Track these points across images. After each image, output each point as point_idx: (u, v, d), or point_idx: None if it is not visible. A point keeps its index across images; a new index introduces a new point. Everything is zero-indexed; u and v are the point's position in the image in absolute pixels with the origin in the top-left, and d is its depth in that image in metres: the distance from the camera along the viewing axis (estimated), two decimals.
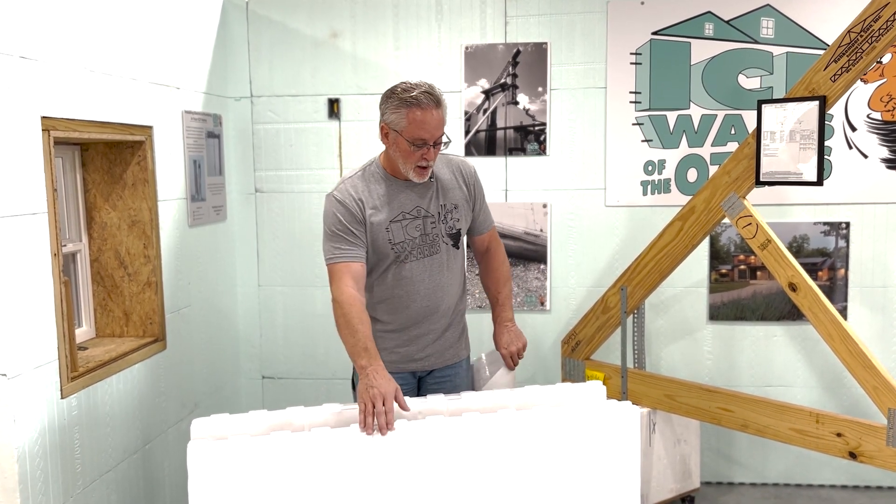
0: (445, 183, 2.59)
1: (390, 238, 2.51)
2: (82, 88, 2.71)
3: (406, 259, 2.53)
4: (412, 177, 2.47)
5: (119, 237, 3.17)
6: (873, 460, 2.74)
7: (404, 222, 2.53)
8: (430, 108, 2.39)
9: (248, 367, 4.09)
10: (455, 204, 2.60)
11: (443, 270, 2.59)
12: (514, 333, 2.65)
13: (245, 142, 3.95)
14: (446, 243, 2.59)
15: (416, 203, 2.54)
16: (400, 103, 2.40)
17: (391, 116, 2.43)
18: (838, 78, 2.71)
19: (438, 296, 2.59)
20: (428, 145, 2.41)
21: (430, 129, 2.39)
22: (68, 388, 2.63)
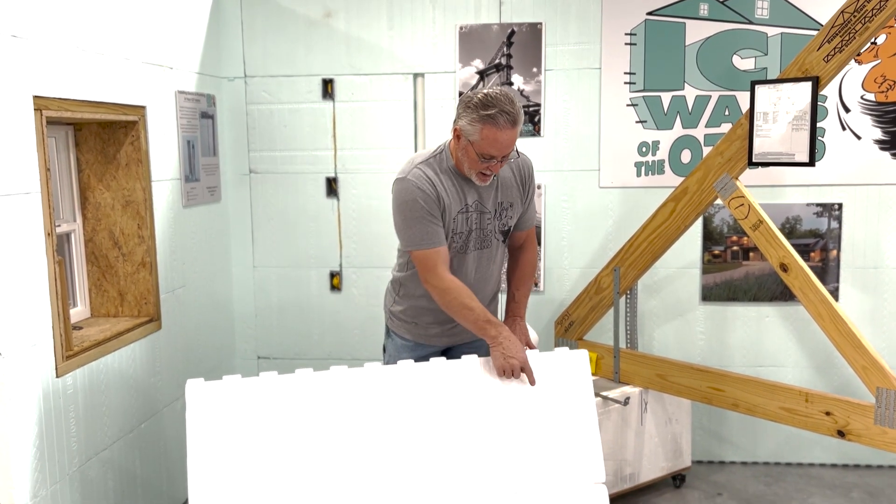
0: (505, 181, 2.65)
1: (453, 228, 2.57)
2: (74, 68, 2.70)
3: (462, 251, 2.61)
4: (474, 180, 2.54)
5: (113, 217, 3.17)
6: (861, 438, 2.77)
7: (465, 215, 2.59)
8: (507, 129, 2.40)
9: (243, 347, 4.11)
10: (511, 202, 2.67)
11: (490, 262, 2.69)
12: (521, 328, 2.73)
13: (239, 122, 3.94)
14: (497, 239, 2.68)
15: (477, 198, 2.60)
16: (480, 117, 2.40)
17: (466, 126, 2.44)
18: (831, 58, 2.71)
19: (483, 285, 2.70)
20: (496, 160, 2.46)
21: (502, 148, 2.44)
22: (63, 367, 2.64)
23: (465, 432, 2.35)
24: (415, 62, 3.82)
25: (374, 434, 2.29)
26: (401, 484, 2.26)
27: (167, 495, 3.40)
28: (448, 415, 2.36)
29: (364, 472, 2.25)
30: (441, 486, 2.29)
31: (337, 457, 2.25)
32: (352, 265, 3.99)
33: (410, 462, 2.29)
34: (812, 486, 3.69)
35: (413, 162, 2.58)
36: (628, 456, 3.47)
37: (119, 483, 3.01)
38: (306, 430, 2.25)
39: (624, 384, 3.52)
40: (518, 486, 2.33)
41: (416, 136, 3.87)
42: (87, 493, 2.79)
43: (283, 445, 2.23)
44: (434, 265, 2.49)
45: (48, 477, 2.57)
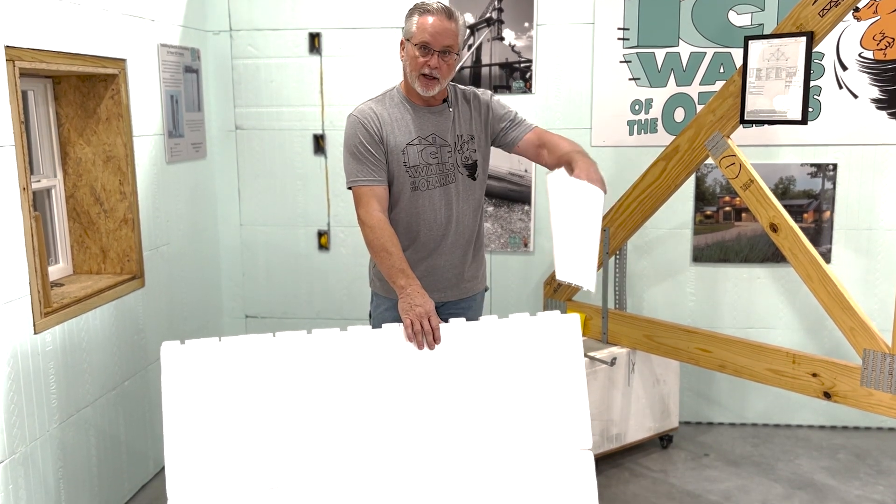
0: (463, 114, 2.61)
1: (405, 161, 2.51)
2: (49, 18, 2.63)
3: (422, 186, 2.55)
4: (418, 87, 2.47)
5: (94, 173, 3.12)
6: (847, 400, 2.75)
7: (419, 147, 2.54)
8: (440, 16, 2.42)
9: (230, 306, 4.08)
10: (471, 135, 2.61)
11: (458, 200, 2.61)
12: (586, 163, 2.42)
13: (224, 77, 3.87)
14: (461, 173, 2.60)
15: (433, 130, 2.55)
16: (413, 11, 2.47)
17: (406, 26, 2.49)
18: (827, 13, 2.64)
19: (452, 226, 2.61)
20: (433, 51, 2.42)
21: (436, 35, 2.41)
22: (41, 323, 2.61)
23: (452, 397, 2.31)
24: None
25: (356, 399, 2.25)
26: (383, 449, 2.24)
27: (151, 455, 3.40)
28: (434, 380, 2.31)
29: (345, 438, 2.22)
30: (425, 452, 2.26)
31: (317, 422, 2.21)
32: (340, 224, 3.95)
33: (394, 427, 2.25)
34: (799, 448, 3.69)
35: (365, 101, 2.58)
36: (615, 416, 3.46)
37: (101, 441, 3.00)
38: (286, 395, 2.21)
39: (612, 345, 3.50)
40: (504, 452, 2.31)
41: None
42: (67, 450, 2.78)
43: (262, 410, 2.19)
44: (366, 202, 2.45)
45: (27, 434, 2.55)
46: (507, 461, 2.31)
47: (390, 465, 2.24)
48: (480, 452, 2.29)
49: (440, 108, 2.57)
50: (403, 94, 2.57)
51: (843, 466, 3.51)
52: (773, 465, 3.53)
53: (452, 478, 2.26)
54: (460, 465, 2.28)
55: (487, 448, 2.30)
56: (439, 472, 2.26)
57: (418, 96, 2.53)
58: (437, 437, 2.28)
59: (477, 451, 2.29)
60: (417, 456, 2.25)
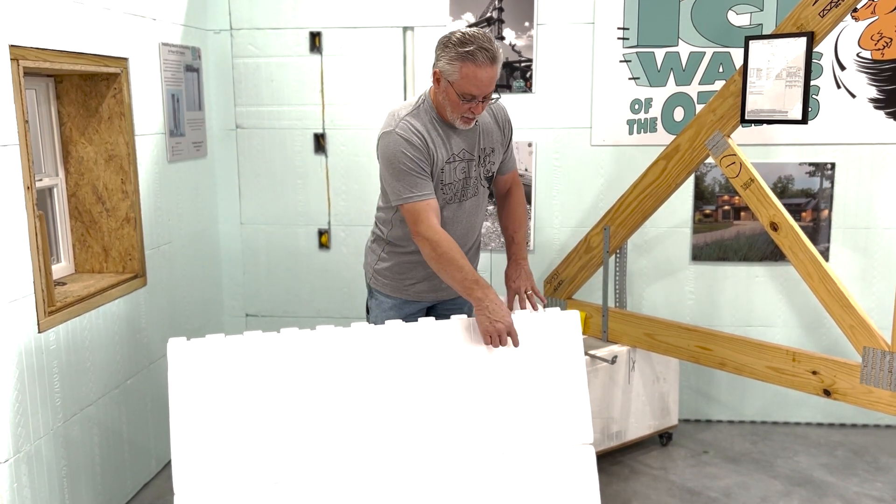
0: (486, 126, 2.61)
1: (442, 179, 2.52)
2: (53, 17, 2.63)
3: (451, 201, 2.58)
4: (457, 124, 2.49)
5: (96, 172, 3.12)
6: (846, 397, 2.77)
7: (454, 164, 2.55)
8: (486, 66, 2.35)
9: (231, 304, 4.09)
10: (493, 147, 2.64)
11: (476, 211, 2.66)
12: (525, 271, 2.67)
13: (225, 76, 3.87)
14: (483, 186, 2.65)
15: (463, 146, 2.56)
16: (457, 56, 2.36)
17: (445, 66, 2.39)
18: (827, 13, 2.66)
19: (470, 235, 2.67)
20: (477, 100, 2.41)
21: (482, 87, 2.38)
22: (45, 322, 2.62)
23: (454, 393, 2.33)
24: (405, 15, 3.74)
25: (360, 395, 2.27)
26: (386, 444, 2.25)
27: (154, 452, 3.40)
28: (436, 376, 2.33)
29: (349, 433, 2.24)
30: (428, 447, 2.28)
31: (322, 418, 2.23)
32: (340, 223, 3.96)
33: (397, 423, 2.27)
34: (798, 445, 3.72)
35: (397, 115, 2.51)
36: (615, 414, 3.48)
37: (104, 439, 3.01)
38: (291, 391, 2.23)
39: (612, 343, 3.52)
40: (506, 447, 2.33)
41: (406, 91, 3.81)
42: (71, 448, 2.79)
43: (267, 406, 2.20)
44: (426, 217, 2.43)
45: (31, 432, 2.56)
46: (508, 456, 2.33)
47: (393, 460, 2.25)
48: (483, 448, 2.31)
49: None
50: (437, 112, 2.52)
51: (842, 463, 3.53)
52: (772, 461, 3.55)
53: (455, 473, 2.28)
54: (463, 461, 2.30)
55: (489, 443, 2.32)
56: (442, 466, 2.28)
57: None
58: (440, 432, 2.29)
59: (479, 446, 2.31)
60: (420, 451, 2.27)
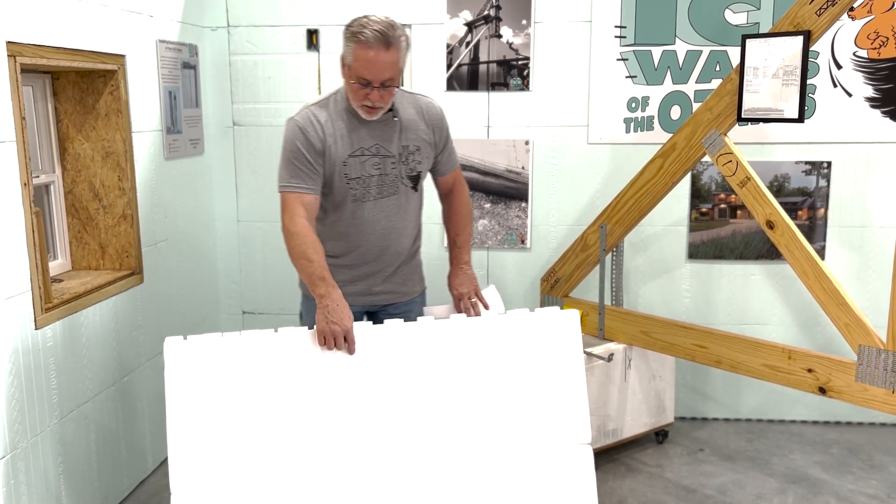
0: (409, 123, 2.52)
1: (346, 173, 2.45)
2: (50, 14, 2.63)
3: (363, 198, 2.49)
4: (362, 114, 2.41)
5: (93, 169, 3.12)
6: (842, 395, 2.78)
7: (362, 158, 2.47)
8: (378, 49, 2.28)
9: (227, 302, 4.09)
10: (417, 146, 2.54)
11: (399, 212, 2.55)
12: (467, 276, 2.62)
13: (222, 73, 3.87)
14: (405, 185, 2.54)
15: (376, 140, 2.48)
16: (351, 36, 2.33)
17: (344, 48, 2.37)
18: (824, 12, 2.66)
19: (393, 237, 2.56)
20: (372, 86, 2.33)
21: (375, 71, 2.30)
22: (42, 319, 2.62)
23: (452, 392, 2.32)
24: (402, 13, 3.74)
25: (357, 394, 2.27)
26: (383, 444, 2.25)
27: (150, 450, 3.40)
28: (435, 375, 2.32)
29: (346, 433, 2.23)
30: (426, 447, 2.27)
31: (319, 417, 2.22)
32: None
33: (394, 422, 2.27)
34: (793, 443, 3.73)
35: (307, 104, 2.49)
36: (611, 412, 3.49)
37: (101, 437, 3.01)
38: (288, 390, 2.22)
39: (608, 341, 3.53)
40: (504, 446, 2.33)
41: None
42: (68, 446, 2.79)
43: (265, 405, 2.20)
44: (291, 209, 2.38)
45: (28, 429, 2.56)
46: (506, 456, 2.33)
47: (391, 460, 2.25)
48: (481, 447, 2.31)
49: (384, 117, 2.47)
50: (348, 104, 2.46)
51: (837, 461, 3.55)
52: (767, 459, 3.56)
53: (453, 472, 2.29)
54: (461, 460, 2.30)
55: (487, 442, 2.32)
56: (440, 466, 2.28)
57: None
58: (438, 431, 2.29)
59: (477, 445, 2.31)
60: (418, 450, 2.27)
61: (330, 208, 2.52)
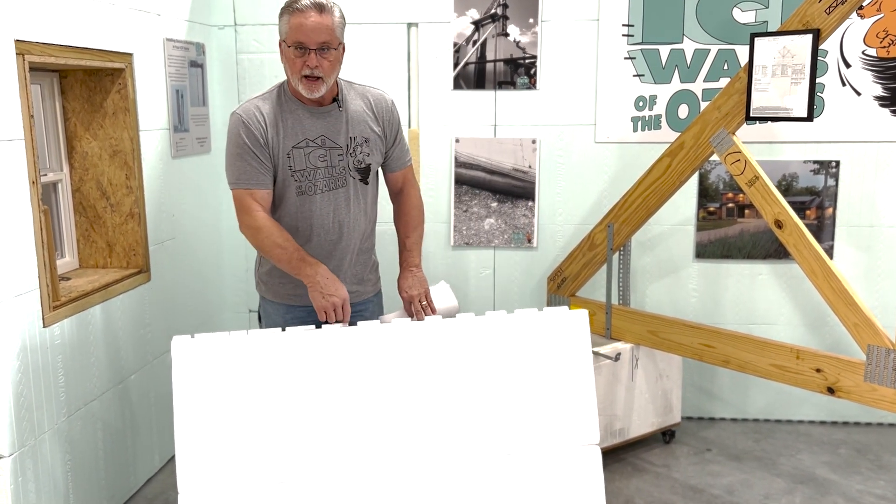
0: (356, 115, 2.50)
1: (290, 165, 2.43)
2: (58, 12, 2.63)
3: (309, 191, 2.46)
4: (301, 90, 2.38)
5: (101, 167, 3.12)
6: (850, 395, 2.77)
7: (307, 150, 2.44)
8: (310, 12, 2.32)
9: (234, 300, 4.09)
10: (365, 138, 2.52)
11: (349, 205, 2.52)
12: (417, 279, 2.56)
13: (229, 72, 3.87)
14: (353, 178, 2.51)
15: (322, 132, 2.46)
16: (283, 11, 2.38)
17: (280, 27, 2.39)
18: (833, 10, 2.65)
19: (344, 231, 2.52)
20: (309, 50, 2.32)
21: (309, 33, 2.31)
22: (50, 317, 2.62)
23: (460, 392, 2.31)
24: (409, 12, 3.74)
25: (365, 394, 2.26)
26: (391, 444, 2.25)
27: (157, 448, 3.41)
28: (442, 375, 2.31)
29: (354, 433, 2.23)
30: (433, 447, 2.26)
31: (327, 417, 2.22)
32: None
33: (402, 422, 2.26)
34: (800, 443, 3.72)
35: (251, 97, 2.50)
36: (618, 411, 3.48)
37: (108, 435, 3.01)
38: (296, 389, 2.21)
39: (615, 340, 3.52)
40: (511, 447, 2.32)
41: (410, 88, 3.81)
42: (75, 444, 2.79)
43: (272, 404, 2.19)
44: (248, 206, 2.38)
45: (35, 427, 2.56)
46: (514, 456, 2.32)
47: (399, 460, 2.25)
48: (489, 447, 2.31)
49: (330, 107, 2.46)
50: (291, 94, 2.45)
51: (845, 461, 3.53)
52: (774, 459, 3.55)
53: (461, 472, 2.28)
54: (468, 460, 2.29)
55: (495, 443, 2.31)
56: (448, 466, 2.28)
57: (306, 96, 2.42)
58: (446, 431, 2.29)
59: (485, 446, 2.31)
60: (426, 450, 2.27)
61: (278, 202, 2.49)
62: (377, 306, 2.75)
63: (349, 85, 2.54)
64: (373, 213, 2.64)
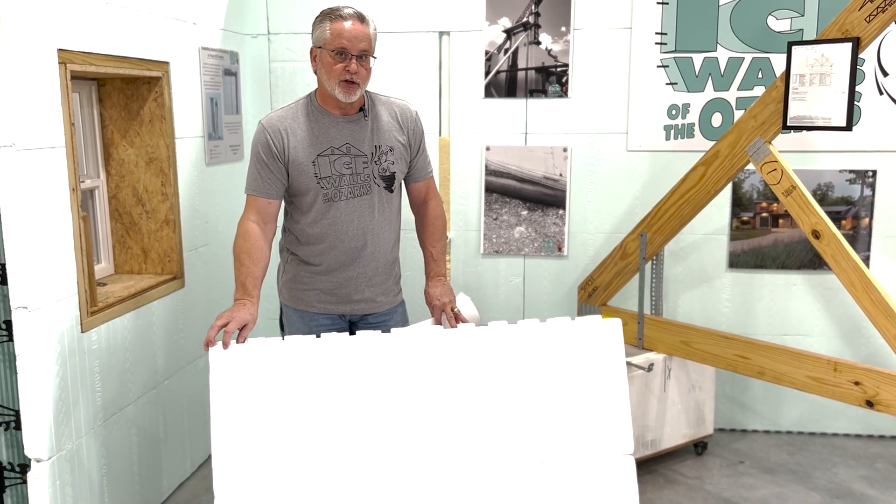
0: (382, 124, 2.55)
1: (316, 172, 2.47)
2: (99, 21, 2.67)
3: (335, 198, 2.49)
4: (338, 94, 2.42)
5: (137, 174, 3.16)
6: (890, 409, 2.73)
7: (332, 157, 2.48)
8: (353, 20, 2.40)
9: (265, 306, 4.10)
10: (390, 146, 2.55)
11: (373, 212, 2.54)
12: (446, 288, 2.60)
13: (262, 80, 3.90)
14: (378, 185, 2.54)
15: (347, 140, 2.50)
16: (323, 18, 2.44)
17: (317, 33, 2.45)
18: (873, 19, 2.62)
19: (368, 237, 2.55)
20: (350, 56, 2.38)
21: (353, 39, 2.38)
22: (88, 322, 2.65)
23: (494, 400, 2.31)
24: (441, 20, 3.75)
25: (399, 400, 2.26)
26: (427, 451, 2.25)
27: (189, 452, 3.43)
28: (477, 383, 2.31)
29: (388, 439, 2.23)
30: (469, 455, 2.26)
31: (361, 423, 2.22)
32: None
33: (437, 430, 2.26)
34: (836, 457, 3.66)
35: (278, 108, 2.58)
36: (650, 422, 3.45)
37: (142, 439, 3.04)
38: (331, 395, 2.22)
39: (647, 350, 3.49)
40: (546, 456, 2.31)
41: (441, 96, 3.81)
42: (110, 447, 2.82)
43: (308, 410, 2.20)
44: (247, 212, 2.49)
45: (73, 431, 2.59)
46: (548, 465, 2.31)
47: (433, 467, 2.24)
48: (522, 456, 2.30)
49: (356, 116, 2.51)
50: (318, 104, 2.51)
51: (882, 476, 3.47)
52: (809, 473, 3.50)
53: (494, 481, 2.27)
54: (502, 469, 2.28)
55: (529, 452, 2.30)
56: (481, 474, 2.27)
57: (334, 104, 2.47)
58: (480, 439, 2.28)
59: (518, 454, 2.30)
60: (460, 458, 2.26)
61: (304, 209, 2.53)
62: (402, 316, 2.76)
63: (375, 96, 2.59)
64: (397, 223, 2.66)
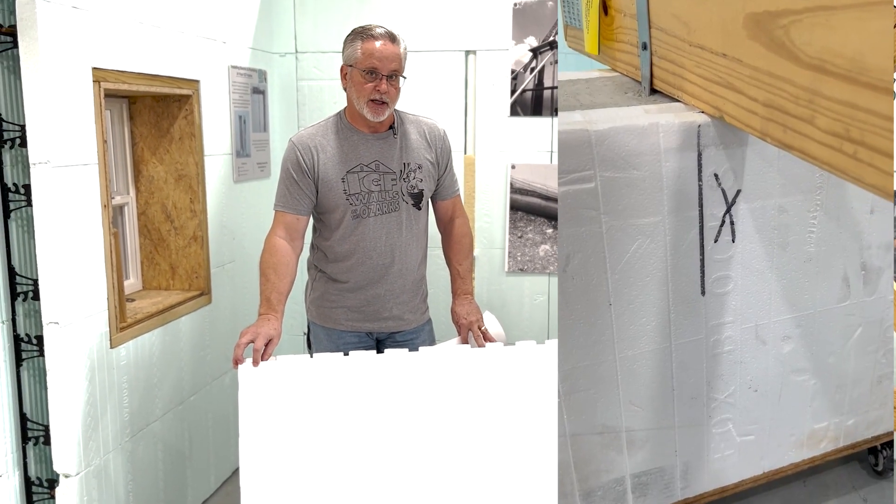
0: (411, 142, 2.57)
1: (346, 188, 2.49)
2: (132, 40, 2.70)
3: (363, 214, 2.51)
4: (367, 114, 2.44)
5: (166, 191, 3.19)
6: None
7: (361, 174, 2.50)
8: (384, 40, 2.41)
9: (291, 323, 4.10)
10: (419, 164, 2.57)
11: (401, 229, 2.55)
12: (473, 306, 2.58)
13: (289, 98, 3.93)
14: (406, 202, 2.56)
15: (376, 157, 2.52)
16: (355, 37, 2.46)
17: (348, 52, 2.48)
18: None
19: (396, 254, 2.56)
20: (381, 76, 2.39)
21: (384, 59, 2.39)
22: (117, 338, 2.67)
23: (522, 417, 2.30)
24: (467, 39, 3.77)
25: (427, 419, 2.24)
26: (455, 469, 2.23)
27: (213, 469, 3.43)
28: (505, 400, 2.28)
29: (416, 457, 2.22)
30: None
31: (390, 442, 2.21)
32: None
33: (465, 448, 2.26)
34: None
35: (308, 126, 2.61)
36: None
37: (168, 455, 3.05)
38: (360, 414, 2.21)
39: None
40: None
41: (467, 116, 3.82)
42: (137, 463, 2.83)
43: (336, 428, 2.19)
44: (275, 226, 2.50)
45: (101, 446, 2.60)
46: None
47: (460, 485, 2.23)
48: None
49: (385, 134, 2.52)
50: (348, 121, 2.53)
51: None
52: None
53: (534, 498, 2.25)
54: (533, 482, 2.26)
55: None
56: None
57: (364, 122, 2.49)
58: None
59: None
60: None
61: (333, 226, 2.55)
62: (429, 334, 2.77)
63: (403, 115, 2.62)
64: (424, 241, 2.67)
